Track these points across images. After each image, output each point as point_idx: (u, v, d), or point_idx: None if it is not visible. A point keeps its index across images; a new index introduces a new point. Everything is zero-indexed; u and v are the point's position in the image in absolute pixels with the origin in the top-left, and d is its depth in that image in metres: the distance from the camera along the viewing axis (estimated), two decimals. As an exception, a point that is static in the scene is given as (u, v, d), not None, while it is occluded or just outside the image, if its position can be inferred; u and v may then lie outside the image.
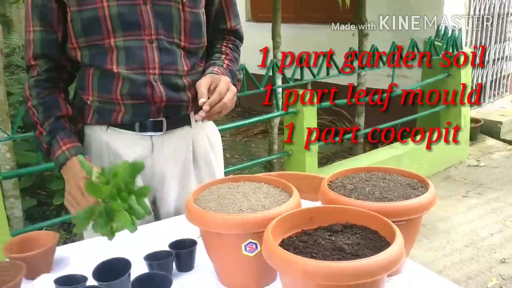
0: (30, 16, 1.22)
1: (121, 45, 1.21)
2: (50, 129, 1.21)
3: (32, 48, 1.23)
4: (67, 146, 1.20)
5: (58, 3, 1.20)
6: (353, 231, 0.92)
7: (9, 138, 2.12)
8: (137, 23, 1.21)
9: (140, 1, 1.20)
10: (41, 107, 1.23)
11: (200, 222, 0.98)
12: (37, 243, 1.14)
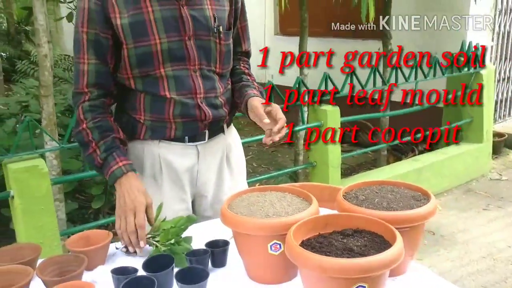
0: (85, 49, 1.39)
1: (171, 74, 1.42)
2: (106, 147, 1.39)
3: (86, 78, 1.40)
4: (123, 162, 1.38)
5: (114, 41, 1.40)
6: (362, 235, 1.09)
7: (60, 148, 2.36)
8: (184, 56, 1.42)
9: (186, 37, 1.41)
10: (96, 130, 1.40)
11: (233, 225, 1.16)
12: (92, 240, 1.34)
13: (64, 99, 3.96)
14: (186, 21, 1.40)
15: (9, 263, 1.20)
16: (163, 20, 1.38)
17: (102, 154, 1.39)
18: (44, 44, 2.51)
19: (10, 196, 2.18)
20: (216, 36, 1.45)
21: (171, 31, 1.39)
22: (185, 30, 1.41)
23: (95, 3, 1.35)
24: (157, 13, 1.37)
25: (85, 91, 1.42)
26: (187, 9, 1.41)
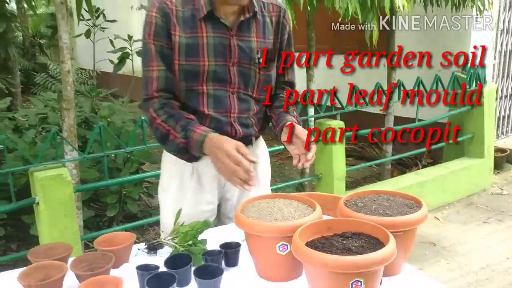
0: (153, 57, 1.53)
1: (211, 93, 1.59)
2: (182, 127, 1.51)
3: (155, 84, 1.55)
4: (201, 129, 1.49)
5: (172, 52, 1.55)
6: (360, 238, 1.23)
7: (82, 158, 2.52)
8: (226, 79, 1.59)
9: (230, 64, 1.58)
10: (170, 118, 1.53)
11: (245, 227, 1.31)
12: (118, 240, 1.49)
13: (80, 112, 4.12)
14: (233, 50, 1.57)
15: (44, 259, 1.36)
16: (214, 46, 1.55)
17: (180, 134, 1.51)
18: (67, 61, 2.68)
19: (36, 202, 2.33)
20: (256, 66, 1.62)
21: (218, 57, 1.56)
22: (230, 57, 1.58)
23: (161, 20, 1.51)
24: (210, 39, 1.54)
25: (154, 96, 1.56)
26: (236, 40, 1.58)
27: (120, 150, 2.85)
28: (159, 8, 1.51)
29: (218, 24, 1.54)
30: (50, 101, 4.36)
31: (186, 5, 1.53)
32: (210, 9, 1.51)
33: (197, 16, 1.52)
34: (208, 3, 1.51)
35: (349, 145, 5.90)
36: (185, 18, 1.52)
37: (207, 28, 1.54)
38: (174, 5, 1.51)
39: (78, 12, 3.26)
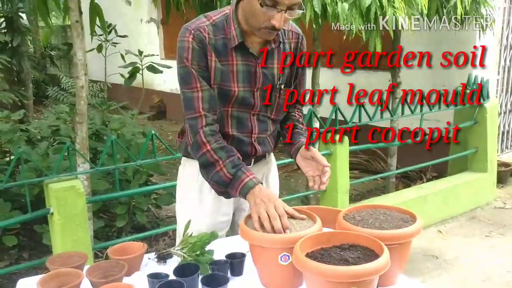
0: (196, 79, 1.61)
1: (235, 115, 1.70)
2: (233, 164, 1.59)
3: (201, 103, 1.62)
4: (252, 175, 1.58)
5: (209, 75, 1.64)
6: (357, 249, 1.32)
7: (95, 170, 2.63)
8: (250, 103, 1.70)
9: (255, 89, 1.70)
10: (221, 150, 1.61)
11: (249, 238, 1.40)
12: (130, 250, 1.58)
13: (91, 124, 4.23)
14: (258, 76, 1.69)
15: (62, 267, 1.45)
16: (242, 73, 1.66)
17: (231, 170, 1.59)
18: (81, 77, 2.79)
19: (50, 213, 2.43)
20: (277, 91, 1.74)
21: (245, 82, 1.67)
22: (255, 83, 1.69)
23: (198, 45, 1.60)
24: (239, 67, 1.65)
25: (202, 114, 1.62)
26: (261, 68, 1.69)
27: (130, 163, 2.94)
28: (195, 34, 1.60)
29: (246, 53, 1.65)
30: (62, 114, 4.47)
31: (217, 33, 1.62)
32: (241, 40, 1.62)
33: (228, 45, 1.63)
34: (240, 35, 1.61)
35: (355, 158, 5.98)
36: (218, 46, 1.62)
37: (237, 56, 1.64)
38: (207, 32, 1.61)
39: (92, 29, 3.38)
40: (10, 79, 6.17)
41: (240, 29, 1.62)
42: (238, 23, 1.62)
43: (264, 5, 1.49)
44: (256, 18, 1.53)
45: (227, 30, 1.63)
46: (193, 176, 1.78)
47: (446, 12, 3.87)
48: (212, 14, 1.66)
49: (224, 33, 1.63)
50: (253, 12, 1.53)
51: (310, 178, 1.71)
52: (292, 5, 1.51)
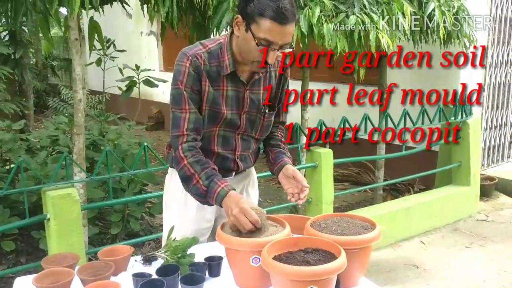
0: (185, 101, 1.75)
1: (221, 134, 1.87)
2: (207, 176, 1.72)
3: (186, 123, 1.76)
4: (224, 184, 1.71)
5: (200, 98, 1.80)
6: (319, 253, 1.47)
7: (90, 179, 2.79)
8: (237, 124, 1.88)
9: (242, 112, 1.87)
10: (196, 164, 1.74)
11: (224, 242, 1.56)
12: (118, 252, 1.74)
13: (89, 135, 4.40)
14: (246, 101, 1.86)
15: (55, 266, 1.60)
16: (231, 98, 1.83)
17: (205, 182, 1.72)
18: (79, 90, 2.96)
19: (47, 219, 2.59)
20: (262, 114, 1.91)
21: (233, 106, 1.85)
22: (243, 107, 1.86)
23: (194, 71, 1.75)
24: (229, 92, 1.82)
25: (184, 134, 1.77)
26: (249, 93, 1.86)
27: (124, 172, 3.10)
28: (192, 61, 1.75)
29: (236, 80, 1.82)
30: (61, 124, 4.64)
31: (212, 61, 1.78)
32: (233, 70, 1.79)
33: (221, 72, 1.79)
34: (232, 64, 1.78)
35: (345, 171, 6.15)
36: (211, 72, 1.78)
37: (228, 82, 1.81)
38: (202, 59, 1.77)
39: (91, 44, 3.56)
40: (12, 90, 6.36)
41: (233, 59, 1.78)
42: (232, 53, 1.78)
43: (260, 44, 1.65)
44: (251, 54, 1.69)
45: (221, 59, 1.79)
46: (179, 185, 1.94)
47: (430, 33, 4.06)
48: (208, 43, 1.82)
49: (218, 61, 1.79)
50: (248, 48, 1.69)
51: (289, 194, 1.89)
52: (284, 45, 1.68)
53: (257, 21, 1.63)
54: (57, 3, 2.57)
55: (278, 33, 1.63)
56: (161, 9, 2.71)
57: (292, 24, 1.65)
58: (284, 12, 1.60)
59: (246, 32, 1.67)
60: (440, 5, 4.01)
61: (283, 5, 1.60)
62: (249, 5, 1.64)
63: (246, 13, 1.66)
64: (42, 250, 3.52)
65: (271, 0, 1.60)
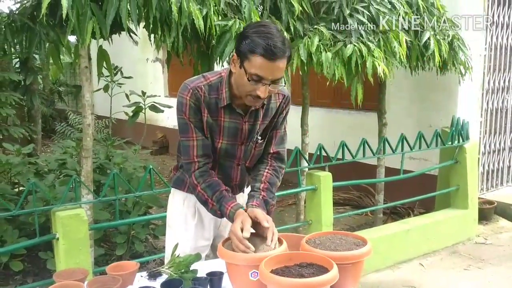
0: (192, 130, 1.91)
1: (222, 163, 2.01)
2: (217, 199, 1.89)
3: (195, 150, 1.92)
4: (231, 206, 1.87)
5: (203, 126, 1.94)
6: (313, 267, 1.58)
7: (97, 201, 2.91)
8: (234, 155, 2.02)
9: (239, 143, 2.00)
10: (208, 189, 1.91)
11: (225, 257, 1.66)
12: (125, 267, 1.84)
13: (96, 158, 4.52)
14: (244, 133, 1.99)
15: (66, 280, 1.71)
16: (229, 129, 1.96)
17: (216, 205, 1.90)
18: (88, 116, 3.10)
19: (56, 238, 2.70)
20: (254, 143, 2.03)
21: (230, 137, 1.98)
22: (240, 138, 1.99)
23: (194, 103, 1.90)
24: (227, 123, 1.95)
25: (195, 161, 1.93)
26: (247, 125, 1.98)
27: (130, 194, 3.22)
28: (192, 93, 1.90)
29: (234, 112, 1.95)
30: (69, 148, 4.78)
31: (212, 93, 1.92)
32: (229, 102, 1.92)
33: (219, 104, 1.92)
34: (229, 98, 1.91)
35: (346, 194, 6.24)
36: (211, 104, 1.92)
37: (225, 114, 1.94)
38: (203, 92, 1.91)
39: (99, 71, 3.72)
40: (21, 115, 6.53)
41: (230, 93, 1.91)
42: (230, 87, 1.91)
43: (251, 79, 1.77)
44: (244, 88, 1.82)
45: (220, 92, 1.92)
46: (180, 205, 2.08)
47: (425, 60, 4.21)
48: (210, 76, 1.96)
49: (217, 94, 1.92)
50: (242, 83, 1.82)
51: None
52: (275, 80, 1.80)
53: (249, 58, 1.75)
54: (70, 33, 2.72)
55: (268, 69, 1.75)
56: (167, 39, 2.86)
57: (282, 60, 1.76)
58: (273, 49, 1.72)
59: (240, 68, 1.80)
60: (435, 34, 4.17)
61: (273, 43, 1.72)
62: (242, 44, 1.77)
63: (239, 51, 1.79)
64: (48, 271, 3.62)
65: (262, 38, 1.72)
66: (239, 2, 3.23)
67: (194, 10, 2.85)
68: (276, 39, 1.74)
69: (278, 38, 1.75)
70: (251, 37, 1.75)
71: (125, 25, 2.66)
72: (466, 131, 4.65)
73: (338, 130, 6.07)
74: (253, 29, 1.79)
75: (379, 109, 4.81)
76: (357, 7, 3.68)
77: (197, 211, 2.10)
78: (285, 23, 3.44)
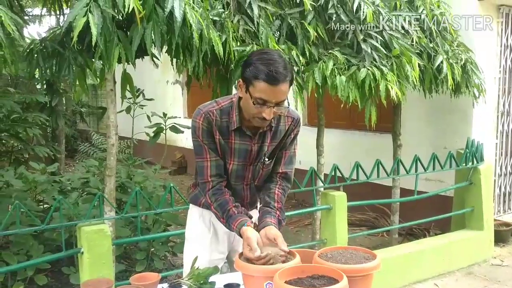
0: (206, 151, 2.06)
1: (232, 184, 2.14)
2: (226, 219, 2.04)
3: (209, 170, 2.07)
4: (235, 225, 2.01)
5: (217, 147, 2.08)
6: (324, 279, 1.67)
7: (120, 217, 3.04)
8: (243, 176, 2.15)
9: (248, 163, 2.13)
10: (219, 207, 2.06)
11: (242, 269, 1.77)
12: (148, 278, 1.96)
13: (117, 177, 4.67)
14: (253, 154, 2.12)
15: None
16: (239, 151, 2.10)
17: (227, 224, 2.05)
18: (112, 136, 3.26)
19: (81, 252, 2.83)
20: (262, 164, 2.15)
21: (241, 158, 2.11)
22: (249, 159, 2.12)
23: (206, 127, 2.04)
24: (237, 145, 2.09)
25: (209, 180, 2.08)
26: (256, 146, 2.11)
27: (151, 211, 3.35)
28: (205, 118, 2.04)
29: (244, 134, 2.08)
30: (92, 167, 4.95)
31: (223, 117, 2.06)
32: (239, 126, 2.05)
33: (230, 127, 2.06)
34: (239, 121, 2.04)
35: (363, 215, 6.29)
36: (222, 127, 2.06)
37: (235, 136, 2.08)
38: (214, 115, 2.05)
39: (123, 94, 3.89)
40: (45, 135, 6.77)
41: (240, 116, 2.04)
42: (240, 111, 2.04)
43: (256, 103, 1.91)
44: (251, 111, 1.95)
45: (230, 116, 2.06)
46: (196, 219, 2.23)
47: (439, 83, 4.30)
48: (222, 101, 2.10)
49: (228, 117, 2.06)
50: (248, 107, 1.96)
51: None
52: (279, 102, 1.93)
53: (253, 83, 1.89)
54: (98, 59, 2.89)
55: (271, 92, 1.88)
56: (189, 63, 3.02)
57: (284, 84, 1.89)
58: (275, 75, 1.85)
59: (246, 93, 1.93)
60: (448, 58, 4.27)
61: (275, 68, 1.85)
62: (247, 70, 1.91)
63: (245, 77, 1.93)
64: (71, 286, 3.74)
65: (265, 65, 1.86)
66: (256, 29, 3.38)
67: (214, 37, 3.00)
68: (277, 64, 1.87)
69: (280, 64, 1.87)
70: (254, 64, 1.89)
71: (149, 51, 2.82)
72: (480, 152, 4.70)
73: (354, 151, 6.15)
74: (256, 56, 1.93)
75: (393, 130, 4.90)
76: (370, 32, 3.81)
77: (212, 226, 2.25)
78: (301, 48, 3.58)
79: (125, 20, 3.05)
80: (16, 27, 2.67)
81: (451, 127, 5.41)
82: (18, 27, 2.75)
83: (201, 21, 2.88)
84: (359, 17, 3.74)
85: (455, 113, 5.33)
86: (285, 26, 3.59)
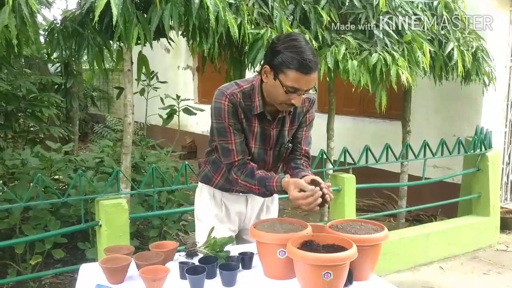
0: (231, 133, 2.04)
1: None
2: (260, 183, 2.02)
3: (235, 152, 2.06)
4: (275, 182, 1.99)
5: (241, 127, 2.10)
6: (334, 247, 1.76)
7: (137, 192, 3.15)
8: (264, 159, 2.18)
9: (268, 148, 2.17)
10: (247, 178, 2.05)
11: (256, 236, 1.87)
12: (165, 246, 2.06)
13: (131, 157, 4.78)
14: (272, 138, 2.16)
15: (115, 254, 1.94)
16: (259, 134, 2.13)
17: (263, 188, 2.03)
18: (129, 115, 3.36)
19: (99, 225, 2.95)
20: (285, 149, 2.20)
21: (260, 142, 2.15)
22: (269, 144, 2.17)
23: (232, 107, 2.03)
24: (258, 129, 2.12)
25: (235, 160, 2.08)
26: (275, 131, 2.15)
27: (166, 187, 3.47)
28: (229, 99, 2.04)
29: (264, 119, 2.11)
30: (106, 148, 5.06)
31: (245, 100, 2.07)
32: (262, 110, 2.08)
33: (252, 112, 2.08)
34: (262, 106, 2.06)
35: (370, 201, 6.37)
36: (245, 110, 2.07)
37: (257, 120, 2.11)
38: (238, 98, 2.05)
39: (139, 76, 3.99)
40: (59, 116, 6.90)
41: (263, 101, 2.07)
42: (262, 95, 2.06)
43: (288, 92, 1.92)
44: (280, 97, 1.97)
45: (253, 99, 2.07)
46: (207, 199, 2.29)
47: (449, 70, 4.35)
48: (242, 83, 2.10)
49: (250, 101, 2.07)
50: (276, 94, 1.95)
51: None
52: (309, 89, 1.96)
53: (285, 72, 1.88)
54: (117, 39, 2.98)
55: (303, 81, 1.89)
56: (205, 45, 3.10)
57: (316, 72, 1.90)
58: (308, 64, 1.85)
59: (274, 80, 1.93)
60: (459, 45, 4.31)
61: (307, 57, 1.85)
62: (276, 58, 1.90)
63: (273, 64, 1.92)
64: (86, 261, 3.87)
65: (296, 53, 1.85)
66: (271, 12, 3.46)
67: (230, 19, 3.08)
68: (308, 52, 1.86)
69: (309, 51, 1.87)
70: (284, 52, 1.88)
71: (167, 31, 2.90)
72: (489, 140, 4.75)
73: (363, 138, 6.22)
74: (285, 43, 1.89)
75: (403, 116, 4.96)
76: (383, 18, 3.87)
77: (224, 205, 2.30)
78: (314, 32, 3.65)
79: (143, 2, 3.14)
80: (39, 6, 2.76)
81: (460, 115, 5.46)
82: (39, 7, 2.85)
83: (217, 3, 2.96)
84: (372, 2, 3.80)
85: (464, 101, 5.38)
86: (298, 10, 3.66)
